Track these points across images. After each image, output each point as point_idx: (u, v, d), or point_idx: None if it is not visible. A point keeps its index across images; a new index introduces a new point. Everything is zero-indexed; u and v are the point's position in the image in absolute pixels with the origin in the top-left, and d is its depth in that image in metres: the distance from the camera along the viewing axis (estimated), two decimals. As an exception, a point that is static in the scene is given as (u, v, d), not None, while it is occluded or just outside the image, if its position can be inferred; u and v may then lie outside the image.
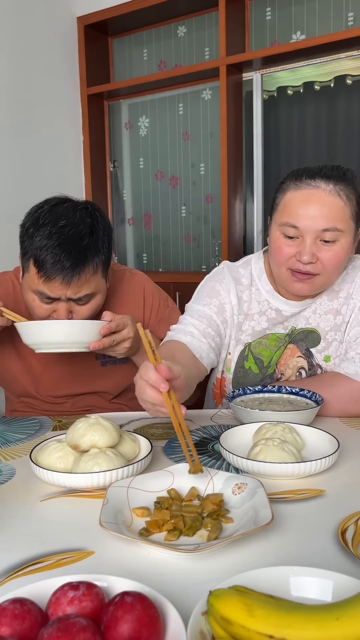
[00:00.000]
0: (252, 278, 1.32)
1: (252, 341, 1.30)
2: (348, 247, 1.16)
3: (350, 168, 1.21)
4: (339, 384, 1.18)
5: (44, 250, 1.14)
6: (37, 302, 1.21)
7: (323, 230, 1.12)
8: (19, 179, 3.19)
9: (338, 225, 1.12)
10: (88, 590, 0.51)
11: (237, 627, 0.47)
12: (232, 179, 3.29)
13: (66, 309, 1.20)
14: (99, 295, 1.24)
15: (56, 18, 3.46)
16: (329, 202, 1.11)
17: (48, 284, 1.16)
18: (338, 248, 1.14)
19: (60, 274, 1.14)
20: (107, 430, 0.90)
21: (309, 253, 1.12)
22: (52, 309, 1.21)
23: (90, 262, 1.17)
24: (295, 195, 1.14)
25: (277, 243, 1.18)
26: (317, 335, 1.27)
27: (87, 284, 1.18)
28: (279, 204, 1.18)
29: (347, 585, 0.54)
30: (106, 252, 1.22)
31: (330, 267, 1.16)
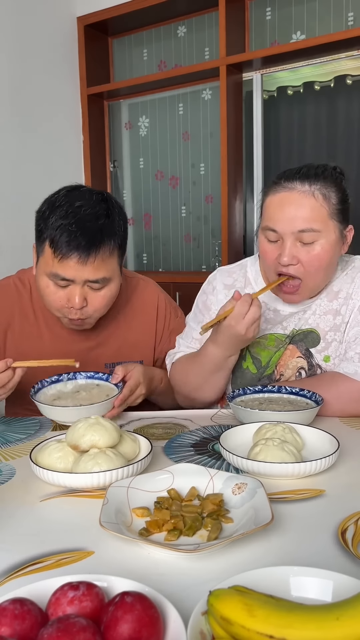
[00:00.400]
0: (247, 281, 1.34)
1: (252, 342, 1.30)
2: (329, 247, 1.15)
3: (338, 166, 1.22)
4: (339, 383, 1.18)
5: (59, 229, 1.13)
6: (51, 288, 1.18)
7: (299, 232, 1.13)
8: (19, 178, 3.19)
9: (314, 226, 1.12)
10: (88, 590, 0.51)
11: (237, 627, 0.47)
12: (232, 179, 3.30)
13: (80, 294, 1.17)
14: (114, 284, 1.22)
15: (56, 18, 3.46)
16: (303, 204, 1.12)
17: (63, 264, 1.14)
18: (318, 249, 1.14)
19: (76, 251, 1.13)
20: (107, 430, 0.90)
21: (288, 255, 1.14)
22: (66, 296, 1.18)
23: (107, 243, 1.16)
24: (273, 199, 1.16)
25: (262, 247, 1.21)
26: (316, 335, 1.27)
27: (103, 266, 1.16)
28: (262, 208, 1.21)
29: (347, 585, 0.54)
30: (122, 236, 1.21)
31: (312, 269, 1.16)
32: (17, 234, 3.06)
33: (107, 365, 1.37)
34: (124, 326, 1.39)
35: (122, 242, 1.22)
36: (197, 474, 0.83)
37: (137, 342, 1.40)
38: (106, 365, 1.37)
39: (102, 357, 1.36)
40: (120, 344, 1.38)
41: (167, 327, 1.44)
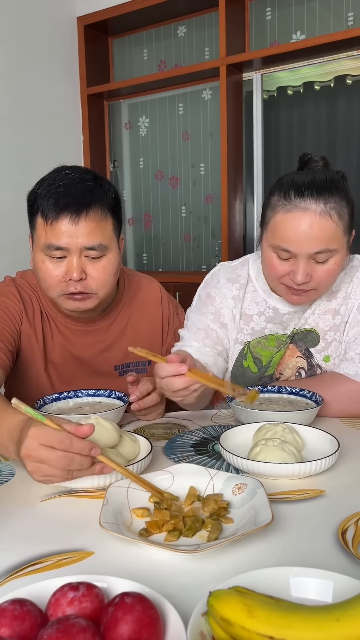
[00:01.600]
0: (249, 278, 1.33)
1: (252, 340, 1.30)
2: (341, 260, 1.15)
3: (340, 171, 1.18)
4: (339, 384, 1.18)
5: (47, 195, 1.12)
6: (47, 264, 1.15)
7: (316, 253, 1.10)
8: (18, 178, 3.19)
9: (330, 247, 1.10)
10: (88, 591, 0.51)
11: (237, 628, 0.47)
12: (232, 179, 3.29)
13: (78, 265, 1.13)
14: (112, 254, 1.18)
15: (56, 18, 3.46)
16: (319, 226, 1.08)
17: (55, 229, 1.11)
18: (332, 264, 1.13)
19: (65, 210, 1.10)
20: (107, 431, 0.90)
21: (302, 274, 1.11)
22: (63, 270, 1.14)
23: (97, 202, 1.13)
24: (285, 218, 1.10)
25: (270, 261, 1.17)
26: (316, 335, 1.27)
27: (98, 230, 1.13)
28: (269, 222, 1.15)
29: (348, 585, 0.54)
30: (113, 202, 1.18)
31: (325, 282, 1.15)
32: (17, 234, 3.06)
33: (116, 367, 1.36)
34: (131, 327, 1.38)
35: (114, 210, 1.19)
36: (197, 474, 0.83)
37: (145, 342, 1.37)
38: (116, 367, 1.36)
39: (112, 360, 1.35)
40: (128, 344, 1.35)
41: (172, 324, 1.44)
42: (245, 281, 1.32)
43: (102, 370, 1.34)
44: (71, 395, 1.21)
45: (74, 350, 1.32)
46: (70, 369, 1.32)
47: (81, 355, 1.32)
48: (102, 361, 1.34)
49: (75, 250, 1.13)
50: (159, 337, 1.42)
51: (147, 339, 1.39)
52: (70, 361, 1.31)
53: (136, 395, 1.13)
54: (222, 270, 1.34)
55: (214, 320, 1.30)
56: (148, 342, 1.39)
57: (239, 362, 1.30)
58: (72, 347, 1.32)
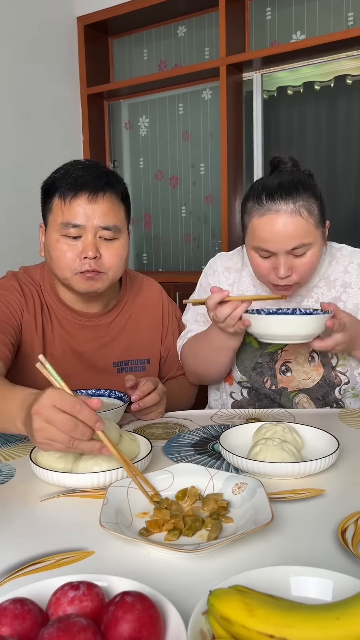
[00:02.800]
0: (244, 263, 1.40)
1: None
2: (318, 251, 1.22)
3: (307, 169, 1.27)
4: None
5: (66, 175, 1.18)
6: (62, 244, 1.18)
7: (293, 249, 1.18)
8: (19, 178, 3.19)
9: (305, 241, 1.18)
10: (88, 590, 0.51)
11: (237, 627, 0.47)
12: (232, 179, 3.29)
13: (93, 244, 1.17)
14: (124, 239, 1.24)
15: (56, 18, 3.46)
16: (292, 224, 1.16)
17: (73, 206, 1.16)
18: (309, 257, 1.21)
19: (84, 188, 1.16)
20: (107, 430, 0.90)
21: (284, 269, 1.20)
22: (78, 250, 1.18)
23: (114, 185, 1.20)
24: (260, 221, 1.19)
25: (254, 261, 1.25)
26: None
27: (112, 212, 1.19)
28: (247, 226, 1.24)
29: (347, 584, 0.54)
30: (125, 191, 1.25)
31: (305, 273, 1.23)
32: (18, 233, 3.06)
33: (115, 364, 1.37)
34: (130, 325, 1.39)
35: (125, 199, 1.25)
36: (197, 473, 0.83)
37: (144, 341, 1.41)
38: (114, 364, 1.37)
39: (111, 356, 1.36)
40: (127, 342, 1.38)
41: (171, 325, 1.46)
42: (241, 266, 1.40)
43: (100, 365, 1.35)
44: None
45: (73, 344, 1.33)
46: (69, 363, 1.33)
47: (81, 349, 1.33)
48: (101, 357, 1.35)
49: (91, 229, 1.18)
50: (158, 337, 1.43)
51: (146, 338, 1.41)
52: (69, 355, 1.32)
53: (137, 395, 1.13)
54: (218, 259, 1.44)
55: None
56: (148, 341, 1.41)
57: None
58: (73, 340, 1.33)
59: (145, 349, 1.41)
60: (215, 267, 1.42)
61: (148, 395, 1.15)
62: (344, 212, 3.20)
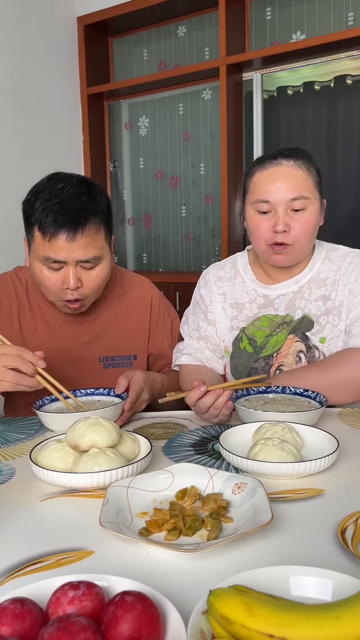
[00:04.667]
0: (236, 271, 1.43)
1: (247, 324, 1.38)
2: (316, 214, 1.27)
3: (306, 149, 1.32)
4: (356, 355, 1.23)
5: (45, 211, 1.18)
6: (45, 273, 1.22)
7: (292, 200, 1.23)
8: (19, 178, 3.19)
9: (304, 194, 1.23)
10: (88, 590, 0.51)
11: (237, 627, 0.47)
12: (232, 179, 3.29)
13: (75, 275, 1.21)
14: (105, 262, 1.26)
15: (56, 18, 3.46)
16: (293, 175, 1.23)
17: (53, 245, 1.17)
18: (307, 215, 1.25)
19: (63, 229, 1.16)
20: (106, 430, 0.90)
21: (282, 222, 1.23)
22: (61, 278, 1.21)
23: (92, 218, 1.20)
24: (262, 174, 1.26)
25: (253, 220, 1.29)
26: (309, 319, 1.33)
27: (92, 244, 1.20)
28: (249, 187, 1.30)
29: (347, 584, 0.54)
30: (106, 213, 1.25)
31: (303, 234, 1.26)
32: (18, 233, 3.06)
33: (100, 359, 1.38)
34: (118, 321, 1.41)
35: (107, 220, 1.26)
36: (197, 473, 0.83)
37: (131, 337, 1.43)
38: (100, 359, 1.38)
39: (97, 351, 1.38)
40: (114, 338, 1.40)
41: (161, 323, 1.48)
42: (233, 275, 1.43)
43: (86, 360, 1.37)
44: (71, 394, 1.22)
45: (58, 339, 1.36)
46: (53, 358, 1.34)
47: (66, 344, 1.36)
48: (87, 352, 1.37)
49: (72, 262, 1.20)
50: (144, 336, 1.45)
51: (133, 335, 1.43)
52: (53, 351, 1.33)
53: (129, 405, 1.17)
54: (210, 270, 1.47)
55: (204, 319, 1.42)
56: (133, 339, 1.43)
57: (236, 345, 1.38)
58: (57, 336, 1.36)
59: (132, 346, 1.43)
60: (207, 278, 1.45)
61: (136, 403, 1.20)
62: (343, 212, 3.20)
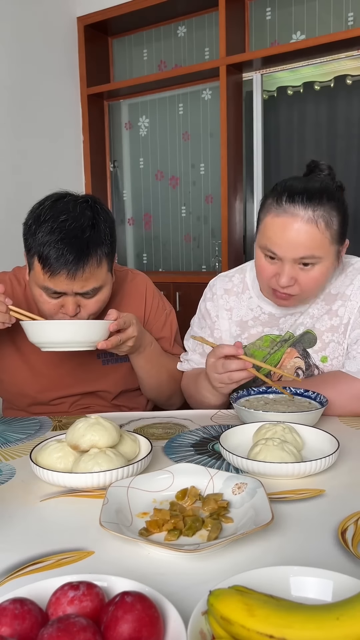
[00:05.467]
0: (244, 286, 1.36)
1: (248, 343, 1.33)
2: (327, 269, 1.16)
3: (339, 181, 1.21)
4: (342, 382, 1.19)
5: (46, 246, 1.15)
6: (44, 298, 1.20)
7: (300, 258, 1.13)
8: (19, 179, 3.19)
9: (316, 253, 1.12)
10: (88, 590, 0.51)
11: (237, 627, 0.47)
12: (232, 179, 3.29)
13: (74, 302, 1.19)
14: (105, 289, 1.24)
15: (56, 18, 3.46)
16: (305, 232, 1.11)
17: (53, 279, 1.16)
18: (316, 272, 1.15)
19: (64, 267, 1.14)
20: (107, 430, 0.90)
21: (287, 277, 1.14)
22: (59, 304, 1.20)
23: (94, 255, 1.17)
24: (274, 221, 1.14)
25: (259, 262, 1.20)
26: (312, 336, 1.27)
27: (92, 278, 1.18)
28: (260, 223, 1.19)
29: (347, 585, 0.54)
30: (109, 243, 1.22)
31: (308, 289, 1.18)
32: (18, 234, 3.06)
33: (99, 355, 1.38)
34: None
35: (110, 249, 1.23)
36: (197, 473, 0.83)
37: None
38: (98, 355, 1.38)
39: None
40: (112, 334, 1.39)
41: (155, 317, 1.46)
42: (241, 289, 1.35)
43: (84, 358, 1.36)
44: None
45: None
46: (52, 357, 1.35)
47: None
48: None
49: (71, 294, 1.19)
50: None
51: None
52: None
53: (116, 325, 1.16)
54: (218, 282, 1.39)
55: (210, 336, 1.37)
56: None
57: None
58: None
59: None
60: (214, 291, 1.38)
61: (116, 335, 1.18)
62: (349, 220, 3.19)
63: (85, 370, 1.37)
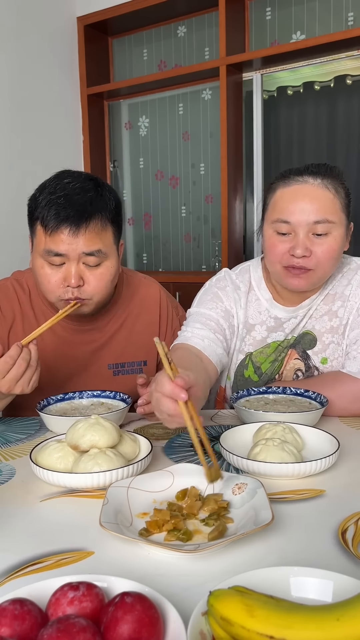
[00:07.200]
0: (250, 286, 1.31)
1: (254, 351, 1.30)
2: (341, 239, 1.15)
3: (337, 166, 1.21)
4: (342, 383, 1.18)
5: (48, 204, 1.13)
6: (46, 269, 1.16)
7: (315, 223, 1.12)
8: (18, 178, 3.19)
9: (329, 217, 1.12)
10: (88, 591, 0.51)
11: (237, 628, 0.47)
12: (232, 179, 3.30)
13: (76, 271, 1.15)
14: (111, 263, 1.19)
15: (56, 18, 3.46)
16: (318, 195, 1.12)
17: (55, 238, 1.13)
18: (331, 240, 1.13)
19: (65, 223, 1.12)
20: (107, 431, 0.90)
21: (302, 247, 1.12)
22: (62, 276, 1.16)
23: (97, 214, 1.14)
24: (285, 191, 1.15)
25: (270, 240, 1.17)
26: (312, 337, 1.27)
27: (98, 238, 1.15)
28: (269, 203, 1.19)
29: (347, 585, 0.54)
30: (113, 212, 1.19)
31: (325, 260, 1.15)
32: (18, 234, 3.06)
33: (110, 366, 1.36)
34: (127, 326, 1.37)
35: (115, 220, 1.20)
36: (197, 474, 0.83)
37: (142, 342, 1.38)
38: (109, 366, 1.35)
39: (105, 358, 1.35)
40: (124, 344, 1.36)
41: (171, 326, 1.43)
42: (247, 289, 1.31)
43: (95, 369, 1.34)
44: (75, 396, 1.21)
45: (66, 349, 1.32)
46: (63, 368, 1.32)
47: (75, 353, 1.32)
48: (96, 360, 1.34)
49: (74, 257, 1.15)
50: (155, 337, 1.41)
51: (142, 340, 1.38)
52: (61, 361, 1.31)
53: (144, 400, 1.12)
54: (227, 276, 1.32)
55: (224, 318, 1.26)
56: (143, 344, 1.38)
57: (240, 372, 1.30)
58: (65, 346, 1.32)
59: (142, 351, 1.38)
60: (227, 283, 1.30)
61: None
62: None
63: (96, 382, 1.33)
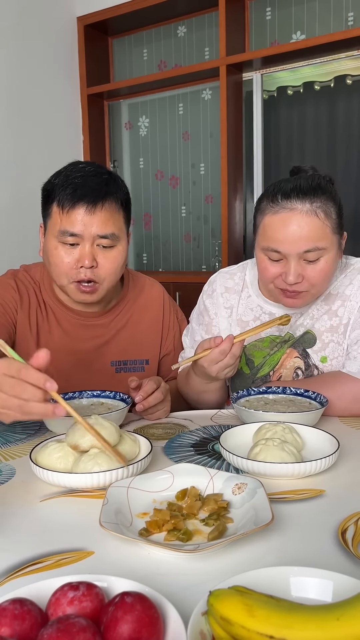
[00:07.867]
0: (244, 284, 1.35)
1: (248, 344, 1.31)
2: (333, 260, 1.16)
3: (328, 175, 1.21)
4: (342, 383, 1.18)
5: (64, 185, 1.17)
6: (59, 251, 1.18)
7: (305, 252, 1.12)
8: (18, 178, 3.19)
9: (319, 245, 1.12)
10: (88, 591, 0.51)
11: (237, 628, 0.47)
12: (232, 179, 3.30)
13: (90, 253, 1.17)
14: (122, 247, 1.23)
15: (56, 18, 3.46)
16: (307, 224, 1.10)
17: (71, 217, 1.15)
18: (323, 264, 1.14)
19: (82, 200, 1.15)
20: (107, 431, 0.90)
21: (294, 274, 1.13)
22: (75, 257, 1.18)
23: (112, 196, 1.18)
24: (273, 219, 1.13)
25: (262, 264, 1.18)
26: (312, 335, 1.27)
27: (112, 220, 1.18)
28: (258, 226, 1.18)
29: (347, 585, 0.54)
30: (125, 198, 1.23)
31: (318, 282, 1.16)
32: (18, 233, 3.06)
33: (113, 363, 1.37)
34: (131, 325, 1.39)
35: (126, 205, 1.24)
36: (197, 474, 0.83)
37: (144, 341, 1.40)
38: (112, 363, 1.37)
39: (109, 355, 1.36)
40: (127, 342, 1.38)
41: (172, 326, 1.46)
42: (241, 288, 1.34)
43: (98, 365, 1.35)
44: (75, 396, 1.21)
45: (72, 343, 1.33)
46: (66, 362, 1.33)
47: (79, 348, 1.33)
48: (99, 356, 1.35)
49: (89, 238, 1.17)
50: (157, 339, 1.43)
51: (146, 339, 1.41)
52: (66, 355, 1.32)
53: (141, 395, 1.13)
54: (218, 279, 1.38)
55: (206, 332, 1.35)
56: (147, 342, 1.41)
57: None
58: (71, 340, 1.33)
59: (145, 350, 1.40)
60: (215, 287, 1.36)
61: (151, 395, 1.15)
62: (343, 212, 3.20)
63: (97, 379, 1.34)
